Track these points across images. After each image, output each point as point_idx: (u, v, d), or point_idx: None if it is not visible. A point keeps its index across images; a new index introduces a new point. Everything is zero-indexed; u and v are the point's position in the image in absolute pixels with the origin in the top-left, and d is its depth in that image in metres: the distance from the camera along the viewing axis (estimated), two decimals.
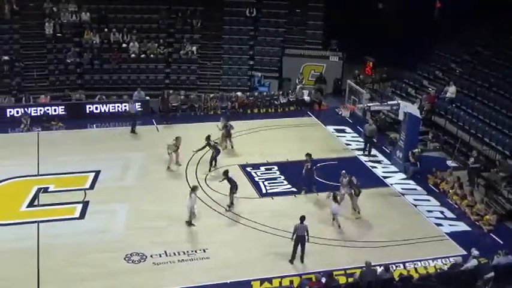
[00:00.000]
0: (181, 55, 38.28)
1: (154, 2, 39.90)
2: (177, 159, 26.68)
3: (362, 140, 30.34)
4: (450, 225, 22.83)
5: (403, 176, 26.87)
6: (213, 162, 26.49)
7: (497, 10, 32.83)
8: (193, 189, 22.03)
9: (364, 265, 17.94)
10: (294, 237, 19.76)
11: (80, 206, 23.22)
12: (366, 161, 28.39)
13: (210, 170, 26.36)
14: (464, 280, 17.71)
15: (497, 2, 32.56)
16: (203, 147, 26.76)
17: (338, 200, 22.03)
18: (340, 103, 35.18)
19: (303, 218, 19.80)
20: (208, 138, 26.76)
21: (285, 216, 22.59)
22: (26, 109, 31.68)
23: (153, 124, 31.37)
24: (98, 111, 33.00)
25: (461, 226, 22.81)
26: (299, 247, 19.86)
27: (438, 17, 37.97)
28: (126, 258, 19.80)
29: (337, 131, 32.06)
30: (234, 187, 23.23)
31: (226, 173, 23.57)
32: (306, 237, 19.76)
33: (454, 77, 32.66)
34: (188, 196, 21.75)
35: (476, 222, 22.83)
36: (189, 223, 21.83)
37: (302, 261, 19.89)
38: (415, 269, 19.81)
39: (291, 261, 19.85)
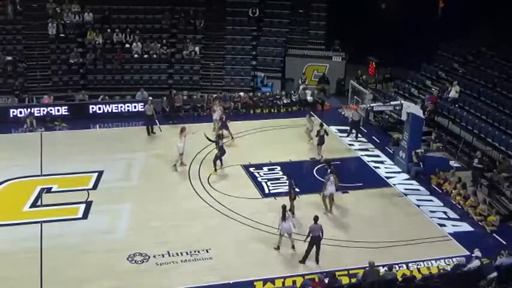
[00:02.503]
0: (184, 55, 38.30)
1: (157, 2, 39.95)
2: (181, 159, 26.63)
3: (349, 126, 31.72)
4: (453, 225, 22.78)
5: (406, 176, 26.83)
6: (219, 162, 26.46)
7: (500, 10, 32.81)
8: (284, 208, 20.45)
9: (366, 265, 17.93)
10: (309, 238, 19.69)
11: (83, 206, 23.25)
12: (368, 161, 28.38)
13: (215, 170, 26.35)
14: (467, 280, 17.68)
15: (500, 2, 32.54)
16: (211, 141, 26.71)
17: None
18: (343, 103, 35.16)
19: (316, 218, 19.79)
20: (218, 137, 26.90)
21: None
22: (30, 110, 31.73)
23: (156, 124, 31.32)
24: (101, 111, 33.04)
25: (465, 226, 22.76)
26: (313, 248, 19.80)
27: (441, 17, 38.02)
28: (129, 259, 19.81)
29: (340, 131, 32.03)
30: (291, 193, 22.99)
31: (289, 176, 23.53)
32: (321, 237, 19.72)
33: (457, 77, 32.65)
34: (281, 219, 20.36)
35: (480, 223, 22.80)
36: (277, 248, 20.70)
37: (317, 261, 19.85)
38: (418, 269, 19.78)
39: (303, 262, 19.76)
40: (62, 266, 19.41)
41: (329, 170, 23.64)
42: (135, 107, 33.17)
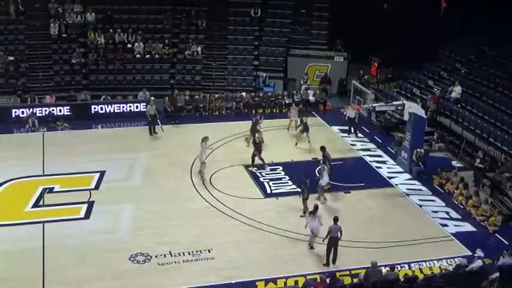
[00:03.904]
0: (186, 55, 38.30)
1: (159, 2, 39.97)
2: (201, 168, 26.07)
3: (347, 124, 32.13)
4: (455, 225, 22.75)
5: (408, 176, 26.81)
6: (255, 159, 26.78)
7: (502, 10, 32.75)
8: (316, 208, 20.71)
9: (369, 265, 17.92)
10: (328, 239, 19.64)
11: (85, 206, 23.26)
12: (370, 161, 28.36)
13: (264, 163, 26.80)
14: (469, 281, 17.66)
15: (502, 2, 32.50)
16: (253, 138, 27.23)
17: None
18: (345, 103, 35.13)
19: (336, 219, 19.75)
20: (254, 134, 27.27)
21: (289, 217, 22.67)
22: (32, 110, 31.76)
23: (159, 124, 31.31)
24: (103, 111, 33.07)
25: (467, 227, 22.73)
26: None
27: (443, 16, 37.94)
28: (131, 259, 19.81)
29: (342, 131, 32.02)
30: (304, 193, 23.00)
31: (305, 175, 23.55)
32: (339, 238, 19.71)
33: (459, 77, 32.62)
34: (310, 217, 20.57)
35: (482, 223, 22.77)
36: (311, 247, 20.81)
37: (334, 262, 19.79)
38: (420, 269, 19.77)
39: (327, 264, 19.69)
40: (63, 266, 19.41)
41: (321, 161, 24.19)
42: (137, 107, 33.17)
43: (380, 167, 27.85)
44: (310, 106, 35.41)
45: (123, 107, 33.23)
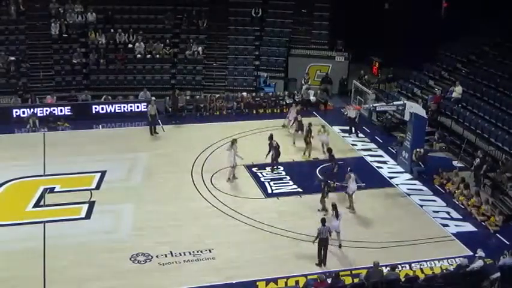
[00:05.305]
0: (187, 55, 38.28)
1: (159, 2, 39.96)
2: (232, 172, 25.73)
3: (348, 124, 32.25)
4: (456, 225, 22.74)
5: (409, 176, 26.80)
6: (274, 162, 26.63)
7: (503, 10, 32.74)
8: (335, 206, 20.96)
9: (370, 265, 17.91)
10: (318, 240, 19.67)
11: (85, 206, 23.27)
12: (371, 161, 28.35)
13: (272, 171, 26.57)
14: (470, 281, 17.65)
15: (503, 2, 32.49)
16: (269, 150, 26.68)
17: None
18: (345, 103, 35.11)
19: (324, 221, 19.78)
20: (270, 138, 26.93)
21: (290, 217, 22.66)
22: (33, 110, 31.76)
23: (159, 124, 31.31)
24: (104, 111, 33.08)
25: (468, 227, 22.72)
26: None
27: (444, 16, 37.93)
28: (132, 259, 19.81)
29: (343, 131, 32.01)
30: (325, 191, 23.07)
31: (325, 176, 23.54)
32: (329, 238, 19.77)
33: (460, 77, 32.61)
34: (335, 216, 20.59)
35: (483, 223, 22.75)
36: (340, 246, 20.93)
37: (325, 263, 19.81)
38: (421, 269, 19.76)
39: (319, 264, 19.72)
40: (64, 266, 19.41)
41: (349, 168, 24.04)
42: (138, 107, 33.17)
43: (381, 167, 27.84)
44: (311, 106, 35.39)
45: (124, 107, 33.24)
